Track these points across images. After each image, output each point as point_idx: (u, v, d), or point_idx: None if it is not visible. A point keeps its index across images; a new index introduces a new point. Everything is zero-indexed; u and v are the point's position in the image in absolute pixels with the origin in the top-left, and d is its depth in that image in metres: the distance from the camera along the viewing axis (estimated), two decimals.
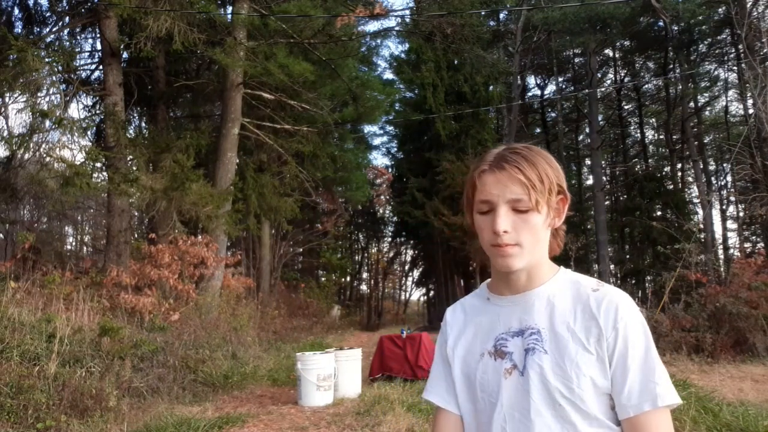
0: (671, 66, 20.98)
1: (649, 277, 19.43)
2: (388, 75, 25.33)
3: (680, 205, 19.13)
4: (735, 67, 19.10)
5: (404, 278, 37.02)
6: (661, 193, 20.84)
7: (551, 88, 26.75)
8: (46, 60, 9.19)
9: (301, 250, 23.23)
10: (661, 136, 26.41)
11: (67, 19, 12.11)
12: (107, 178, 10.03)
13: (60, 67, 9.70)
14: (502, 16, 23.60)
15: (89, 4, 11.50)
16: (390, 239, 33.25)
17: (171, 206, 9.55)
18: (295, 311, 16.95)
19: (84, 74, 13.07)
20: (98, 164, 10.49)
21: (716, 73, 21.28)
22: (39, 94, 9.41)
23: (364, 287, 33.15)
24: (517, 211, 1.01)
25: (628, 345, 0.99)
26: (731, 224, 24.01)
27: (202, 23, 10.32)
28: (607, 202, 24.33)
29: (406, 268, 35.05)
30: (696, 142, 21.11)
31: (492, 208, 1.02)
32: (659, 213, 21.02)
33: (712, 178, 25.65)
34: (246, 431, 5.30)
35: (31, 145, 10.45)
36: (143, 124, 15.45)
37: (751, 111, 15.20)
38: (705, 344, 8.58)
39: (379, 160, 43.79)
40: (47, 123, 9.33)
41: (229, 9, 12.88)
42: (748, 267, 9.76)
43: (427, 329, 15.80)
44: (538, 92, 27.43)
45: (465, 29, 15.13)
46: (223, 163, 11.26)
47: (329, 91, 14.11)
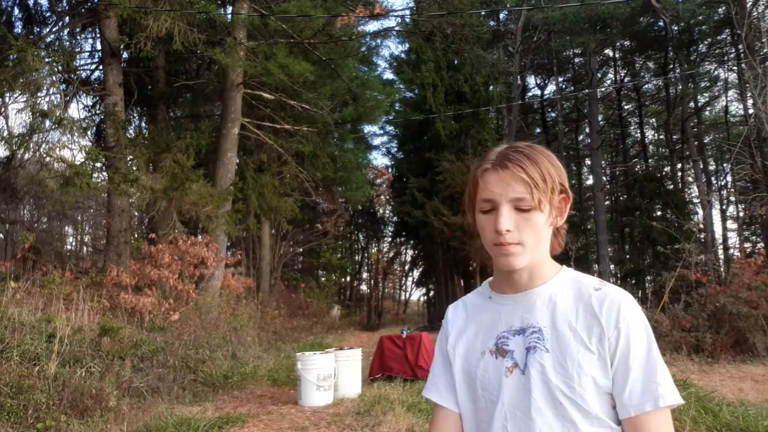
0: (671, 66, 20.98)
1: (649, 277, 19.43)
2: (388, 75, 25.37)
3: (680, 205, 19.13)
4: (735, 67, 19.12)
5: (404, 278, 37.05)
6: (661, 193, 20.84)
7: (551, 88, 26.79)
8: (46, 60, 9.19)
9: (301, 250, 23.22)
10: (661, 136, 26.42)
11: (67, 19, 12.12)
12: (107, 178, 10.03)
13: (60, 67, 9.70)
14: (502, 16, 23.61)
15: (89, 4, 11.51)
16: (390, 239, 33.27)
17: (171, 206, 9.55)
18: (295, 311, 16.95)
19: (84, 74, 13.09)
20: (98, 164, 10.50)
21: (716, 73, 21.33)
22: (39, 94, 9.43)
23: (364, 287, 33.16)
24: (519, 210, 1.01)
25: (630, 345, 0.99)
26: (731, 224, 24.06)
27: (202, 23, 10.32)
28: (607, 202, 24.33)
29: (406, 268, 35.06)
30: (696, 142, 21.11)
31: (494, 207, 1.02)
32: (659, 213, 21.03)
33: (712, 178, 25.67)
34: (246, 431, 5.30)
35: (31, 145, 10.46)
36: (143, 124, 15.46)
37: (751, 111, 15.20)
38: (705, 344, 8.59)
39: (379, 160, 43.88)
40: (47, 123, 9.34)
41: (229, 9, 12.88)
42: (748, 267, 9.76)
43: (427, 329, 15.80)
44: (538, 92, 27.47)
45: (465, 29, 15.13)
46: (223, 163, 11.26)
47: (329, 91, 14.10)
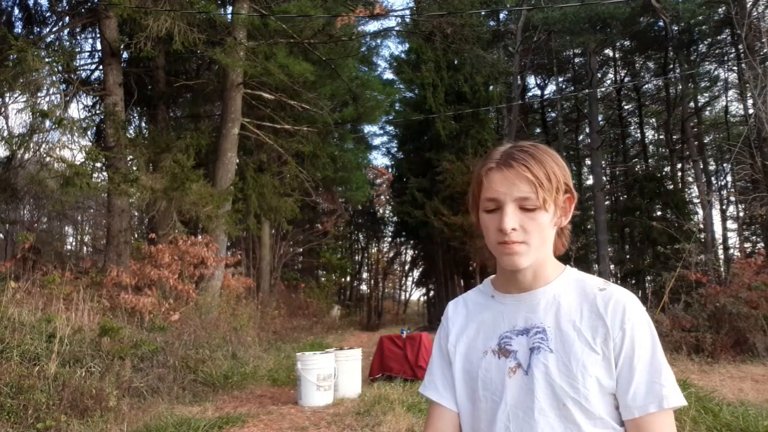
0: (671, 66, 20.98)
1: (649, 277, 19.44)
2: (388, 75, 25.33)
3: (680, 205, 19.13)
4: (735, 67, 19.12)
5: (404, 278, 37.04)
6: (661, 193, 20.84)
7: (551, 88, 26.79)
8: (46, 60, 9.19)
9: (301, 250, 23.22)
10: (661, 136, 26.41)
11: (67, 19, 12.12)
12: (107, 178, 10.03)
13: (60, 67, 9.70)
14: (502, 16, 23.61)
15: (89, 4, 11.51)
16: (390, 239, 33.26)
17: (171, 206, 9.55)
18: (295, 311, 16.95)
19: (84, 74, 13.09)
20: (98, 164, 10.50)
21: (716, 73, 21.32)
22: (39, 94, 9.43)
23: (364, 287, 33.16)
24: (524, 210, 1.01)
25: (634, 346, 0.98)
26: (731, 224, 24.05)
27: (202, 23, 10.32)
28: (607, 202, 24.33)
29: (406, 268, 35.05)
30: (696, 142, 21.10)
31: (499, 206, 1.01)
32: (659, 213, 21.02)
33: (712, 178, 25.66)
34: (246, 431, 5.30)
35: (31, 145, 10.46)
36: (143, 124, 15.46)
37: (751, 111, 15.19)
38: (705, 344, 8.59)
39: (379, 160, 43.87)
40: (47, 123, 9.34)
41: (229, 9, 12.88)
42: (748, 267, 9.77)
43: (427, 329, 15.81)
44: (538, 92, 27.47)
45: (465, 29, 15.12)
46: (223, 163, 11.26)
47: (329, 91, 14.10)
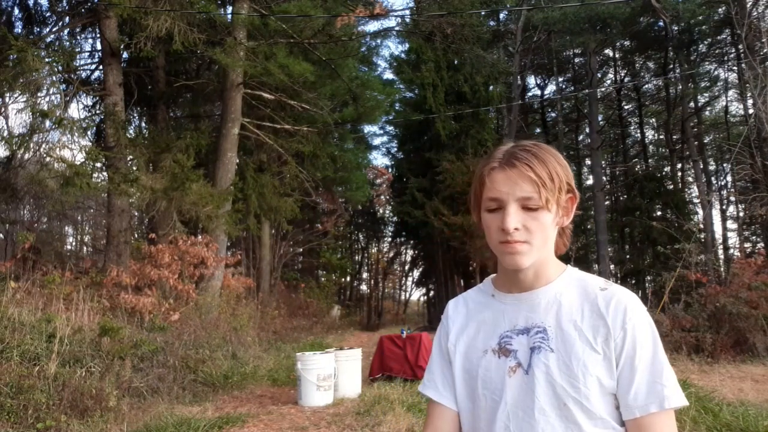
0: (671, 66, 20.97)
1: (649, 277, 19.43)
2: (388, 75, 25.31)
3: (680, 205, 19.12)
4: (735, 67, 19.11)
5: (404, 278, 37.03)
6: (661, 193, 20.84)
7: (551, 88, 26.78)
8: (46, 60, 9.19)
9: (301, 250, 23.21)
10: (661, 136, 26.41)
11: (67, 19, 12.12)
12: (107, 178, 10.03)
13: (60, 67, 9.70)
14: (502, 16, 23.60)
15: (89, 4, 11.51)
16: (390, 239, 33.24)
17: (171, 206, 9.55)
18: (295, 311, 16.95)
19: (84, 74, 13.09)
20: (98, 164, 10.50)
21: (716, 73, 21.30)
22: (39, 94, 9.43)
23: (364, 287, 33.14)
24: (526, 209, 1.00)
25: (636, 346, 0.98)
26: (731, 224, 24.03)
27: (202, 23, 10.32)
28: (607, 202, 24.32)
29: (406, 268, 35.03)
30: (696, 142, 21.10)
31: (501, 205, 1.01)
32: (659, 213, 21.02)
33: (712, 178, 25.65)
34: (246, 431, 5.30)
35: (31, 145, 10.46)
36: (143, 124, 15.47)
37: (751, 111, 15.19)
38: (705, 344, 8.60)
39: (379, 160, 43.84)
40: (47, 123, 9.34)
41: (229, 9, 12.88)
42: (748, 267, 9.77)
43: (427, 329, 15.80)
44: (538, 92, 27.45)
45: (465, 29, 15.12)
46: (223, 163, 11.26)
47: (329, 91, 14.09)
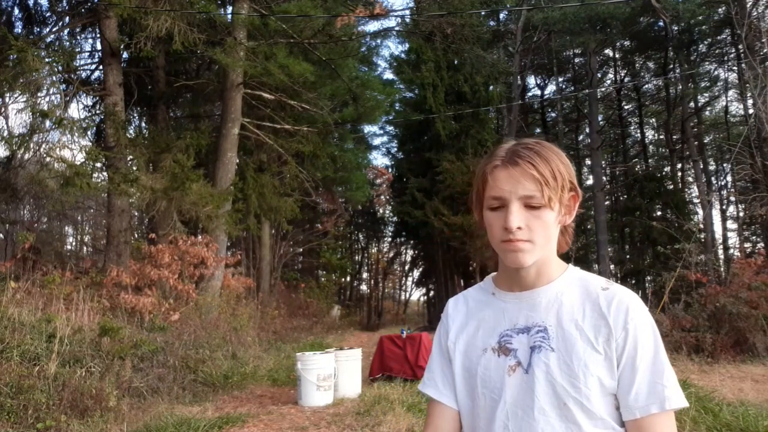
0: (671, 66, 20.97)
1: (649, 277, 19.43)
2: (388, 75, 25.29)
3: (680, 205, 19.12)
4: (735, 67, 19.11)
5: (404, 278, 37.01)
6: (661, 193, 20.83)
7: (551, 88, 26.77)
8: (46, 60, 9.19)
9: (301, 250, 23.21)
10: (661, 136, 26.40)
11: (67, 19, 12.12)
12: (107, 178, 10.04)
13: (60, 67, 9.70)
14: (502, 16, 23.60)
15: (89, 4, 11.51)
16: (390, 239, 33.22)
17: (171, 206, 9.55)
18: (295, 311, 16.94)
19: (84, 74, 13.10)
20: (98, 164, 10.50)
21: (716, 73, 21.30)
22: (39, 94, 9.43)
23: (364, 287, 33.13)
24: (529, 208, 1.00)
25: (637, 346, 0.98)
26: (731, 224, 24.03)
27: (202, 23, 10.32)
28: (607, 202, 24.32)
29: (406, 268, 35.01)
30: (696, 142, 21.10)
31: (504, 204, 1.01)
32: (659, 213, 21.01)
33: (712, 178, 25.65)
34: (246, 431, 5.30)
35: (31, 145, 10.47)
36: (143, 124, 15.47)
37: (751, 111, 15.19)
38: (705, 344, 8.60)
39: (379, 160, 43.80)
40: (47, 123, 9.35)
41: (229, 9, 12.88)
42: (748, 267, 9.76)
43: (427, 329, 15.80)
44: (538, 92, 27.44)
45: (465, 29, 15.12)
46: (223, 163, 11.26)
47: (329, 91, 14.09)
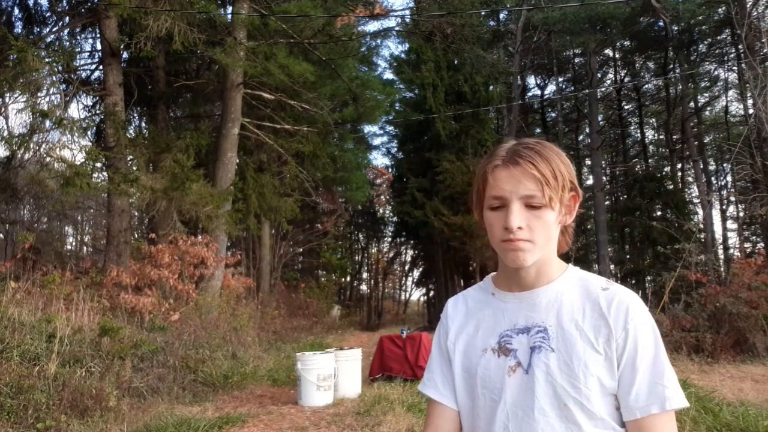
0: (671, 66, 20.97)
1: (649, 277, 19.43)
2: (388, 75, 25.27)
3: (680, 205, 19.12)
4: (735, 67, 19.11)
5: (404, 278, 37.00)
6: (661, 193, 20.83)
7: (551, 88, 26.77)
8: (46, 60, 9.19)
9: (301, 250, 23.22)
10: (661, 136, 26.40)
11: (67, 19, 12.12)
12: (107, 178, 10.04)
13: (60, 67, 9.70)
14: (502, 16, 23.60)
15: (89, 4, 11.51)
16: (390, 239, 33.22)
17: (171, 206, 9.55)
18: (295, 311, 16.94)
19: (84, 74, 13.10)
20: (98, 164, 10.50)
21: (716, 73, 21.30)
22: (39, 94, 9.43)
23: (364, 287, 33.13)
24: (530, 207, 1.00)
25: (638, 346, 0.98)
26: (731, 224, 24.03)
27: (202, 23, 10.32)
28: (607, 202, 24.32)
29: (406, 268, 35.00)
30: (696, 142, 21.09)
31: (504, 204, 1.01)
32: (659, 213, 21.01)
33: (712, 178, 25.65)
34: (246, 431, 5.29)
35: (31, 145, 10.48)
36: (143, 124, 15.48)
37: (751, 111, 15.19)
38: (705, 344, 8.60)
39: (379, 160, 43.81)
40: (47, 123, 9.35)
41: (229, 9, 12.88)
42: (748, 267, 9.76)
43: (427, 329, 15.79)
44: (538, 92, 27.43)
45: (465, 29, 15.12)
46: (223, 163, 11.26)
47: (329, 91, 14.09)
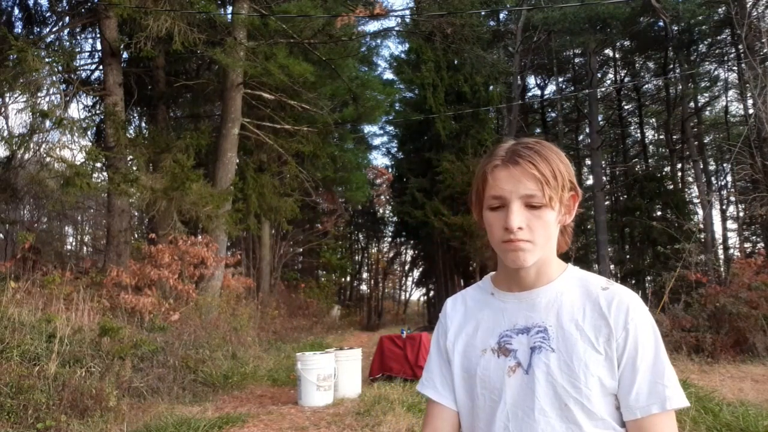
0: (671, 66, 20.97)
1: (649, 277, 19.43)
2: (388, 75, 25.26)
3: (680, 205, 19.12)
4: (735, 67, 19.11)
5: (404, 278, 37.02)
6: (661, 193, 20.83)
7: (551, 88, 26.77)
8: (46, 60, 9.20)
9: (301, 250, 23.22)
10: (661, 136, 26.40)
11: (67, 19, 12.12)
12: (107, 178, 10.05)
13: (60, 67, 9.71)
14: (502, 16, 23.59)
15: (89, 4, 11.52)
16: (390, 239, 33.23)
17: (171, 206, 9.55)
18: (295, 311, 16.94)
19: (84, 74, 13.11)
20: (98, 164, 10.51)
21: (716, 73, 21.29)
22: (39, 94, 9.44)
23: (364, 287, 33.14)
24: (530, 207, 0.99)
25: (638, 346, 0.98)
26: (731, 224, 24.02)
27: (202, 23, 10.32)
28: (607, 202, 24.31)
29: (406, 268, 35.01)
30: (696, 142, 21.09)
31: (504, 204, 1.00)
32: (659, 213, 21.01)
33: (712, 178, 25.64)
34: (246, 431, 5.30)
35: (31, 145, 10.49)
36: (143, 124, 15.48)
37: (751, 111, 15.19)
38: (705, 344, 8.60)
39: (379, 160, 43.79)
40: (47, 123, 9.36)
41: (229, 9, 12.89)
42: (748, 267, 9.76)
43: (427, 329, 15.79)
44: (538, 92, 27.43)
45: (465, 29, 15.12)
46: (223, 163, 11.26)
47: (329, 91, 14.09)
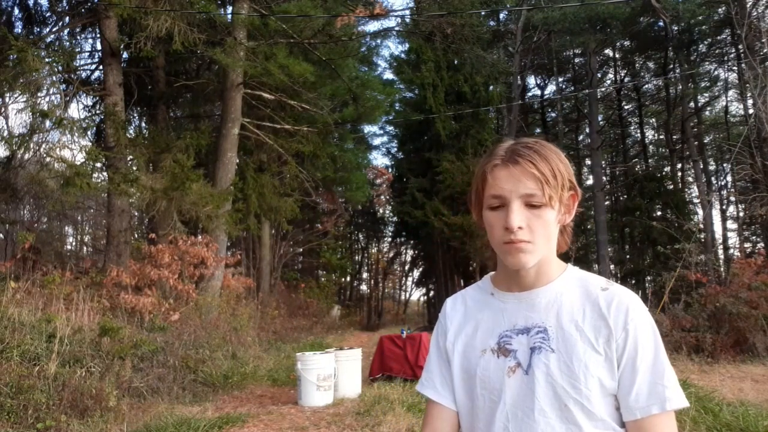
0: (671, 66, 20.97)
1: (649, 277, 19.43)
2: (388, 75, 25.25)
3: (680, 205, 19.12)
4: (735, 67, 19.11)
5: (404, 278, 37.01)
6: (661, 193, 20.83)
7: (551, 88, 26.76)
8: (46, 60, 9.20)
9: (301, 250, 23.22)
10: (661, 136, 26.40)
11: (67, 19, 12.12)
12: (107, 178, 10.05)
13: (60, 67, 9.71)
14: (502, 16, 23.59)
15: (89, 4, 11.52)
16: (390, 239, 33.23)
17: (171, 206, 9.55)
18: (295, 311, 16.94)
19: (84, 74, 13.11)
20: (98, 164, 10.51)
21: (716, 73, 21.29)
22: (39, 94, 9.44)
23: (364, 287, 33.13)
24: (530, 207, 0.99)
25: (637, 347, 0.98)
26: (731, 224, 24.02)
27: (202, 23, 10.32)
28: (607, 202, 24.31)
29: (406, 268, 35.00)
30: (696, 142, 21.09)
31: (504, 203, 1.00)
32: (659, 213, 21.01)
33: (712, 178, 25.64)
34: (246, 431, 5.30)
35: (31, 145, 10.49)
36: (143, 124, 15.49)
37: (751, 111, 15.19)
38: (705, 344, 8.60)
39: (379, 160, 43.79)
40: (47, 123, 9.36)
41: (229, 9, 12.89)
42: (748, 267, 9.76)
43: (427, 329, 15.79)
44: (538, 92, 27.42)
45: (465, 29, 15.12)
46: (223, 163, 11.26)
47: (329, 91, 14.09)
